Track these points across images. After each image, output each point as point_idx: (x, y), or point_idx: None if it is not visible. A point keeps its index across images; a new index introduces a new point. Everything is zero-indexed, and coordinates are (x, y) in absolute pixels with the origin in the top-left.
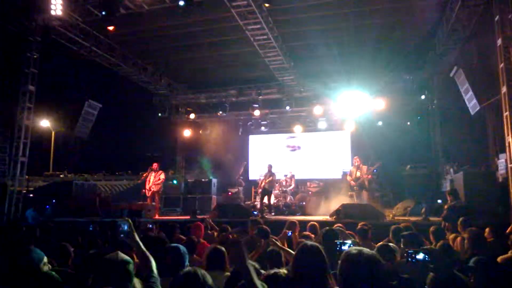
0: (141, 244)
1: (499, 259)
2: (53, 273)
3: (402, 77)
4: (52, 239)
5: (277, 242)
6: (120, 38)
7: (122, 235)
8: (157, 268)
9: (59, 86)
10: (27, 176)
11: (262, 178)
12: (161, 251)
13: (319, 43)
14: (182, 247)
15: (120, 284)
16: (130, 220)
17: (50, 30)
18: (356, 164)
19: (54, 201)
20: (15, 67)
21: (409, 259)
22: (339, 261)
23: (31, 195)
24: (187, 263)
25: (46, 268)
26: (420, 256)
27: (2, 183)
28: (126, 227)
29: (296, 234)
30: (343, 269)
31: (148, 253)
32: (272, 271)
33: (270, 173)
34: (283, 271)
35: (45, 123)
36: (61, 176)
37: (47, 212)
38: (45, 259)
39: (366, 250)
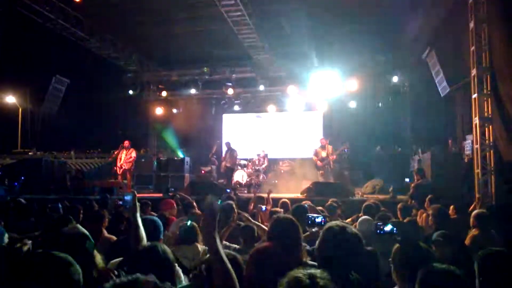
0: (139, 218)
1: (467, 240)
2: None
3: (374, 58)
4: (21, 216)
5: (249, 218)
6: (87, 11)
7: (127, 206)
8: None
9: (25, 61)
10: None
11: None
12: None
13: (293, 23)
14: (158, 220)
15: (80, 258)
16: (135, 192)
17: (13, 0)
18: (322, 144)
19: (23, 178)
20: None
21: (378, 230)
22: (320, 237)
23: None
24: (161, 236)
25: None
26: (388, 228)
27: None
28: (130, 198)
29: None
30: (324, 244)
31: (142, 231)
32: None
33: (229, 150)
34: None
35: (11, 99)
36: (30, 153)
37: (15, 189)
38: (6, 235)
39: (349, 227)
